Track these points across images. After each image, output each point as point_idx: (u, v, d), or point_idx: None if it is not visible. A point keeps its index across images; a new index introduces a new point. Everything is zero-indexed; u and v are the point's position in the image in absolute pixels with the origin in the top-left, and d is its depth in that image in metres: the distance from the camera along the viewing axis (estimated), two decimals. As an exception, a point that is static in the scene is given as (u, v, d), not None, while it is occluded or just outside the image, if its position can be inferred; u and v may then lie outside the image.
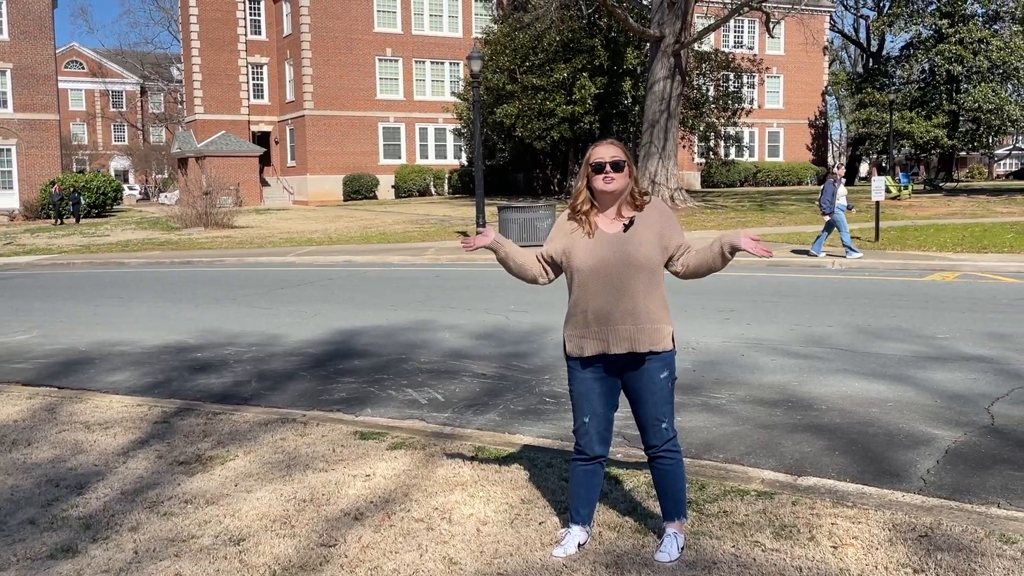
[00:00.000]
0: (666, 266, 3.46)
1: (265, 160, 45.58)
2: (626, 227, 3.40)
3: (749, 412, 5.87)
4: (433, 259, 18.10)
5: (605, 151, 3.42)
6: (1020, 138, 66.25)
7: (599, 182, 3.39)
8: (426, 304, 11.41)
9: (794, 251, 16.53)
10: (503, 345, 8.40)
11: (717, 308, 10.26)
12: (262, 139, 46.15)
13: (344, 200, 42.36)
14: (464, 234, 22.83)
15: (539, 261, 3.56)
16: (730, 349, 7.93)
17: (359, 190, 42.57)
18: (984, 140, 44.73)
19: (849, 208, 15.94)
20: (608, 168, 3.38)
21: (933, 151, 46.42)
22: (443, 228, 25.49)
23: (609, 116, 36.30)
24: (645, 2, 34.34)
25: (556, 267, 3.54)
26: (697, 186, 46.97)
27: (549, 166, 44.45)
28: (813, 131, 52.28)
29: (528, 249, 3.67)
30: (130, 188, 59.04)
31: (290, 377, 7.27)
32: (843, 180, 16.16)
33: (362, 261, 18.31)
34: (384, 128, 44.20)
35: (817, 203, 17.20)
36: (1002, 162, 75.34)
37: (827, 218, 15.72)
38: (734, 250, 3.33)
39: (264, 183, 45.10)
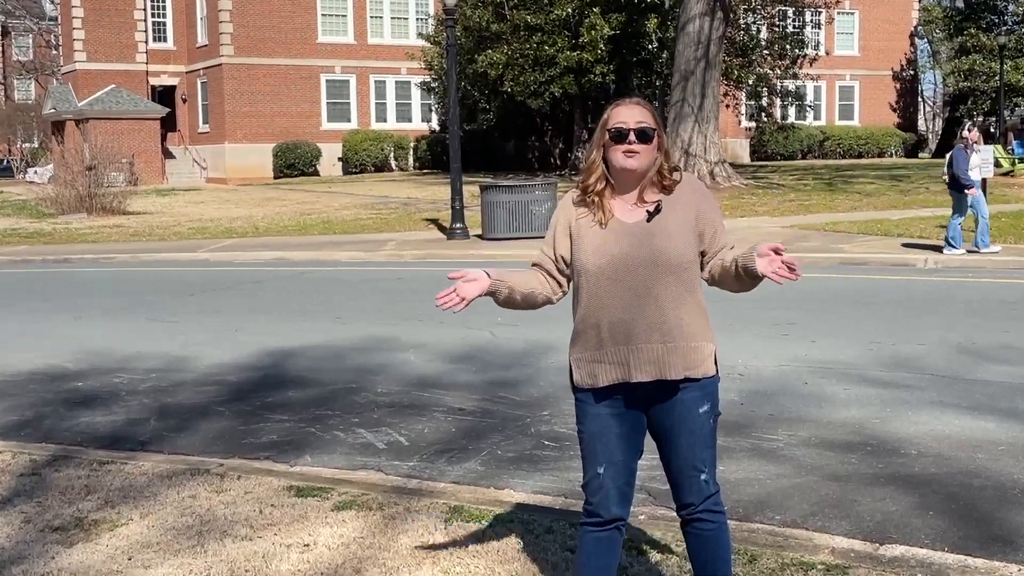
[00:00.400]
0: None
1: (169, 124, 45.51)
2: (651, 214, 3.38)
3: (815, 458, 5.88)
4: (394, 255, 18.09)
5: (628, 113, 3.40)
6: None
7: (618, 156, 3.38)
8: (384, 315, 11.39)
9: (906, 245, 16.37)
10: (487, 370, 8.39)
11: (772, 320, 10.29)
12: (165, 96, 46.07)
13: (275, 177, 42.33)
14: (435, 222, 22.85)
15: (540, 271, 3.53)
16: (789, 375, 7.95)
17: (295, 164, 42.56)
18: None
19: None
20: (632, 137, 3.36)
21: (1057, 112, 46.74)
22: (407, 214, 25.48)
23: (628, 65, 36.42)
24: (675, -86, 34.55)
25: (565, 268, 3.52)
26: (745, 158, 47.14)
27: (549, 132, 44.52)
28: (899, 85, 52.56)
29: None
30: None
31: (203, 414, 7.25)
32: (977, 147, 15.75)
33: (299, 259, 18.29)
34: (328, 81, 44.19)
35: (942, 178, 16.85)
36: None
37: (972, 193, 15.22)
38: (752, 275, 3.29)
39: (168, 155, 45.01)
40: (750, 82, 38.68)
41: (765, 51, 38.50)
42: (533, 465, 5.87)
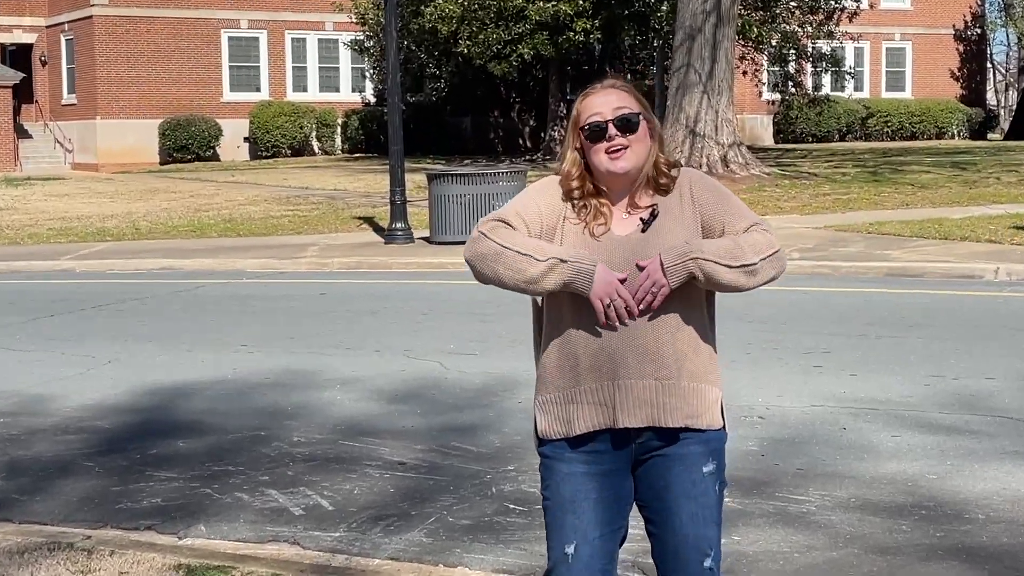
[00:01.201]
0: None
1: (24, 94, 45.15)
2: (645, 223, 3.39)
3: (855, 525, 5.90)
4: (316, 264, 18.03)
5: (602, 101, 3.41)
6: None
7: (601, 158, 3.39)
8: (304, 342, 11.36)
9: None
10: (436, 412, 8.37)
11: (801, 347, 10.33)
12: (19, 57, 45.69)
13: (162, 163, 42.09)
14: (369, 221, 22.79)
15: (512, 229, 3.39)
16: (823, 418, 7.97)
17: (188, 145, 42.34)
18: None
19: None
20: (613, 131, 3.38)
21: None
22: (333, 211, 25.40)
23: (617, 21, 36.56)
24: None
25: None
26: (768, 140, 47.43)
27: (516, 105, 44.57)
28: (962, 48, 53.05)
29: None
30: None
31: (65, 470, 7.18)
32: None
33: (193, 268, 18.18)
34: (232, 39, 44.01)
35: None
36: None
37: None
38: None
39: (23, 133, 44.62)
40: (773, 42, 38.86)
41: (792, 2, 38.77)
42: (494, 535, 5.85)
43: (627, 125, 3.39)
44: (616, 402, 3.38)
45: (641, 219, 3.41)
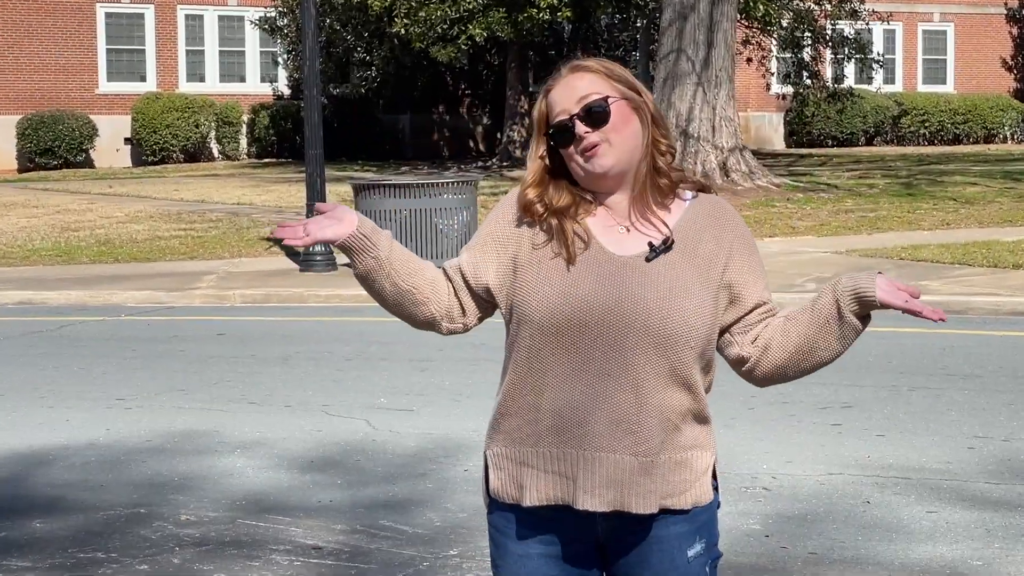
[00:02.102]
0: (720, 341, 3.46)
1: None
2: (654, 249, 3.35)
3: (882, 624, 5.94)
4: (214, 297, 17.96)
5: (566, 92, 3.38)
6: None
7: (576, 163, 3.37)
8: (196, 395, 11.32)
9: None
10: (361, 483, 8.37)
11: (816, 401, 10.38)
12: None
13: (21, 170, 41.89)
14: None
15: (448, 283, 3.51)
16: (843, 489, 8.00)
17: (54, 148, 42.14)
18: None
19: None
20: (582, 128, 3.34)
21: None
22: (236, 230, 25.33)
23: (591, -4, 36.74)
24: None
25: (482, 299, 3.50)
26: (778, 143, 47.64)
27: (467, 99, 44.63)
28: (1015, 30, 53.48)
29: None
30: None
31: None
32: None
33: (58, 302, 18.08)
34: (110, 16, 43.90)
35: None
36: None
37: None
38: (866, 307, 3.34)
39: None
40: (784, 23, 39.11)
41: (807, -26, 39.09)
42: (432, 639, 5.85)
43: (596, 116, 3.34)
44: (578, 476, 3.36)
45: (651, 244, 3.36)
